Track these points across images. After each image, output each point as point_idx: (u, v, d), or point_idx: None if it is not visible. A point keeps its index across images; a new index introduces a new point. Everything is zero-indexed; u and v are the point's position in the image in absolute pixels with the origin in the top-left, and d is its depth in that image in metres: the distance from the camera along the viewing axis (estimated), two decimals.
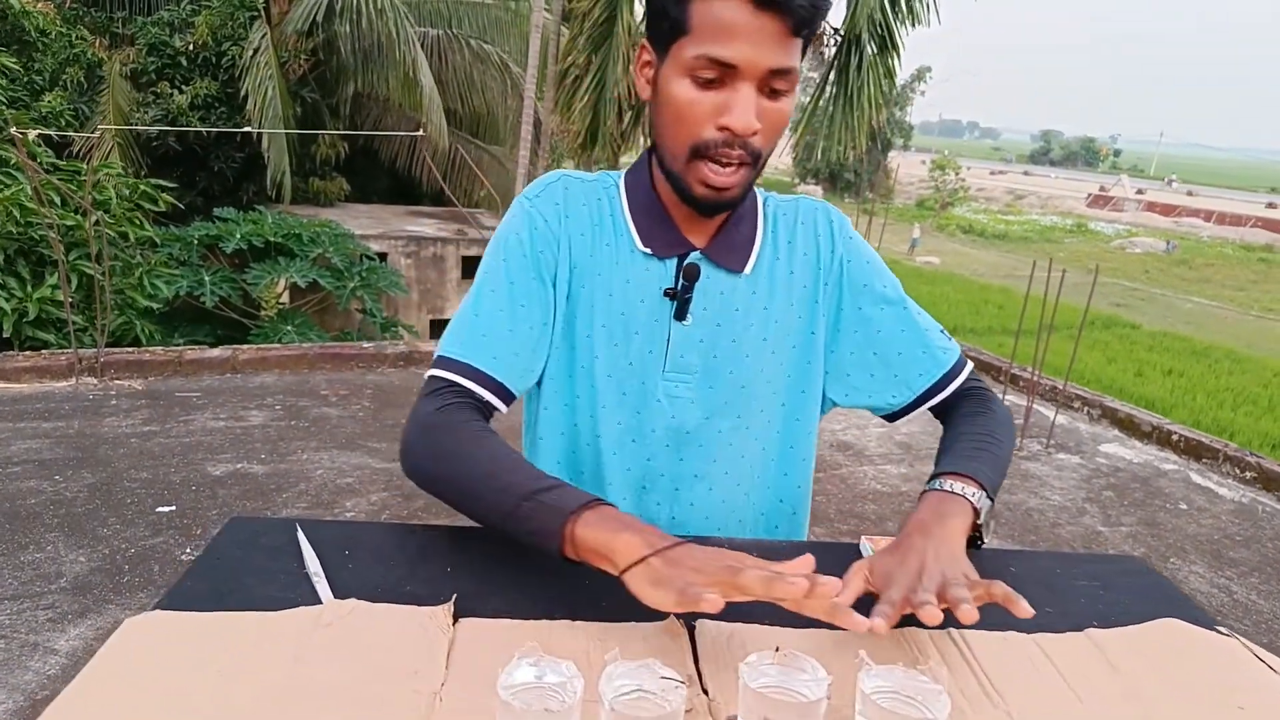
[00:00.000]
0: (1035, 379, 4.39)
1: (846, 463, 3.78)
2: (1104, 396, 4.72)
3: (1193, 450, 4.10)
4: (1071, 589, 0.98)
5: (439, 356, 1.01)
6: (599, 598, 0.87)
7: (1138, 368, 13.68)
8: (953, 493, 0.94)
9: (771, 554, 0.99)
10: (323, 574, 0.87)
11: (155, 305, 5.40)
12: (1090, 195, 46.43)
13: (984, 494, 0.95)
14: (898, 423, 1.19)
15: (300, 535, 0.92)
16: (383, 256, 9.78)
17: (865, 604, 0.81)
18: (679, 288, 1.03)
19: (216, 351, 4.39)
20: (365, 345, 4.80)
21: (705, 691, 0.73)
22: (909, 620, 0.84)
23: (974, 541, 0.96)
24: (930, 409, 1.13)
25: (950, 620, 0.86)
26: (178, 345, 5.83)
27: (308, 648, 0.74)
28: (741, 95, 0.90)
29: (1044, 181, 57.02)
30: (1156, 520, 3.43)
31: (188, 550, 2.65)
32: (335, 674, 0.71)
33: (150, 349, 4.33)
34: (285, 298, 8.81)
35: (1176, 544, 3.24)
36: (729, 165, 0.93)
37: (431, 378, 1.00)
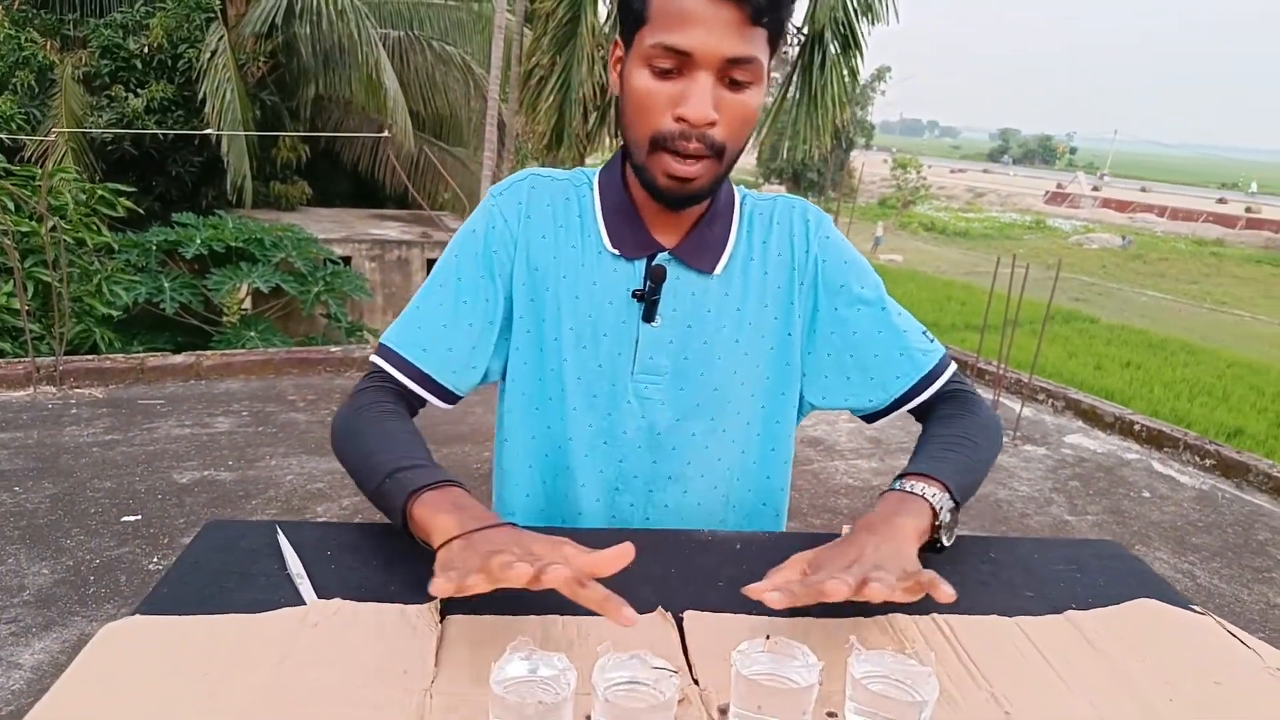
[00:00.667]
0: (1001, 373, 4.46)
1: (818, 458, 3.81)
2: (1068, 389, 4.81)
3: (1154, 439, 4.19)
4: (1050, 573, 1.00)
5: (379, 344, 1.04)
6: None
7: (1097, 361, 13.95)
8: (911, 493, 0.91)
9: (750, 545, 1.00)
10: (305, 575, 0.85)
11: (114, 312, 5.29)
12: (1048, 192, 47.24)
13: (947, 495, 0.92)
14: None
15: (280, 537, 0.91)
16: (347, 260, 9.67)
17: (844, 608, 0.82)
18: (646, 289, 1.03)
19: (180, 358, 4.31)
20: (333, 349, 4.74)
21: (696, 681, 0.73)
22: (893, 608, 0.86)
23: (934, 545, 0.93)
24: (910, 411, 1.12)
25: (933, 606, 0.87)
26: (138, 353, 5.73)
27: (294, 649, 0.73)
28: (698, 85, 0.89)
29: (1003, 179, 57.90)
30: (1121, 508, 3.50)
31: (155, 560, 2.60)
32: (323, 675, 0.70)
33: (111, 356, 4.25)
34: (248, 303, 8.67)
35: (1141, 531, 3.31)
36: (689, 157, 0.92)
37: (370, 363, 1.04)
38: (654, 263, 1.03)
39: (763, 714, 0.66)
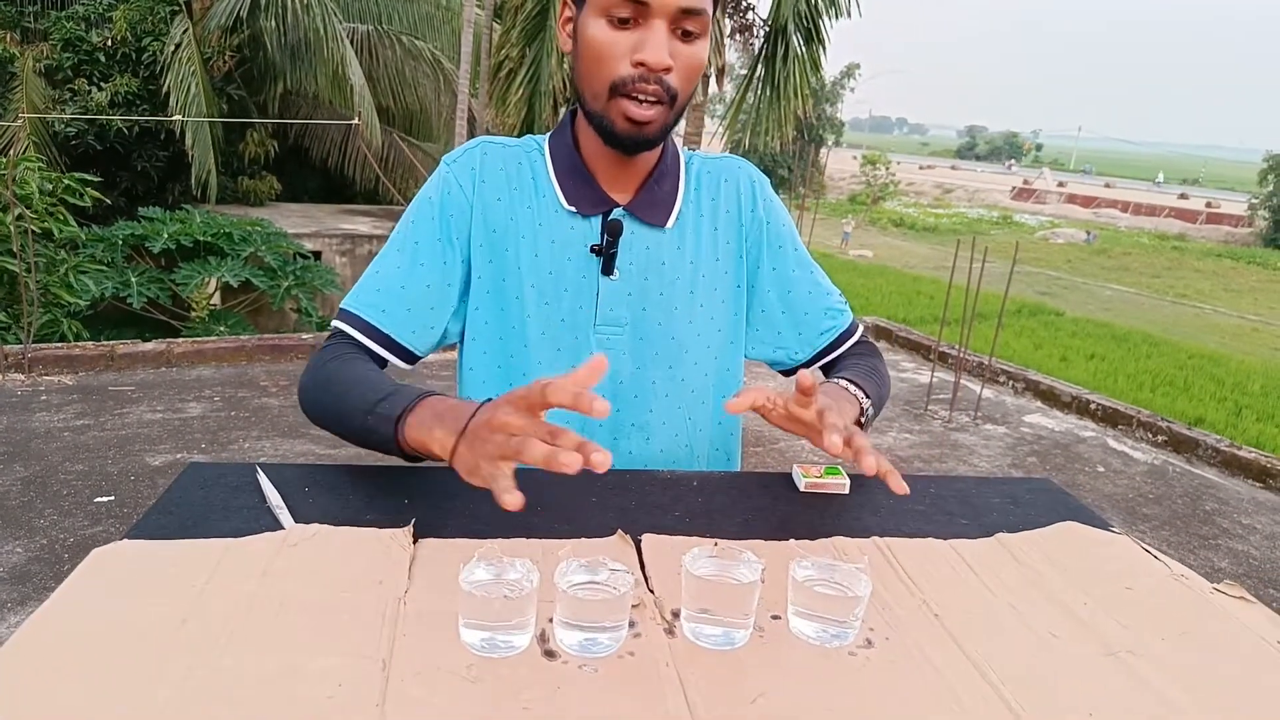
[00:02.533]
0: (962, 355, 4.57)
1: (784, 436, 3.88)
2: (1028, 370, 4.94)
3: (1109, 418, 4.33)
4: (986, 505, 1.07)
5: (340, 308, 1.08)
6: (552, 521, 0.93)
7: (1062, 353, 14.19)
8: (845, 389, 1.05)
9: (707, 484, 1.07)
10: (285, 507, 0.90)
11: (82, 303, 5.25)
12: (1015, 188, 47.86)
13: (870, 403, 1.07)
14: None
15: (260, 475, 0.96)
16: (317, 255, 9.61)
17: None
18: (604, 244, 1.08)
19: (150, 345, 4.30)
20: (304, 336, 4.75)
21: (652, 590, 0.79)
22: (835, 531, 0.93)
23: None
24: (822, 366, 1.23)
25: (874, 529, 0.95)
26: (105, 340, 5.68)
27: (274, 565, 0.78)
28: (654, 32, 0.95)
29: (970, 175, 58.55)
30: (1076, 482, 3.62)
31: None
32: (302, 587, 0.75)
33: (80, 344, 4.23)
34: (216, 298, 8.60)
35: (1094, 503, 3.42)
36: (646, 101, 0.98)
37: (331, 326, 1.08)
38: (610, 218, 1.08)
39: (711, 613, 0.72)
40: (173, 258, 7.65)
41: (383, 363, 1.07)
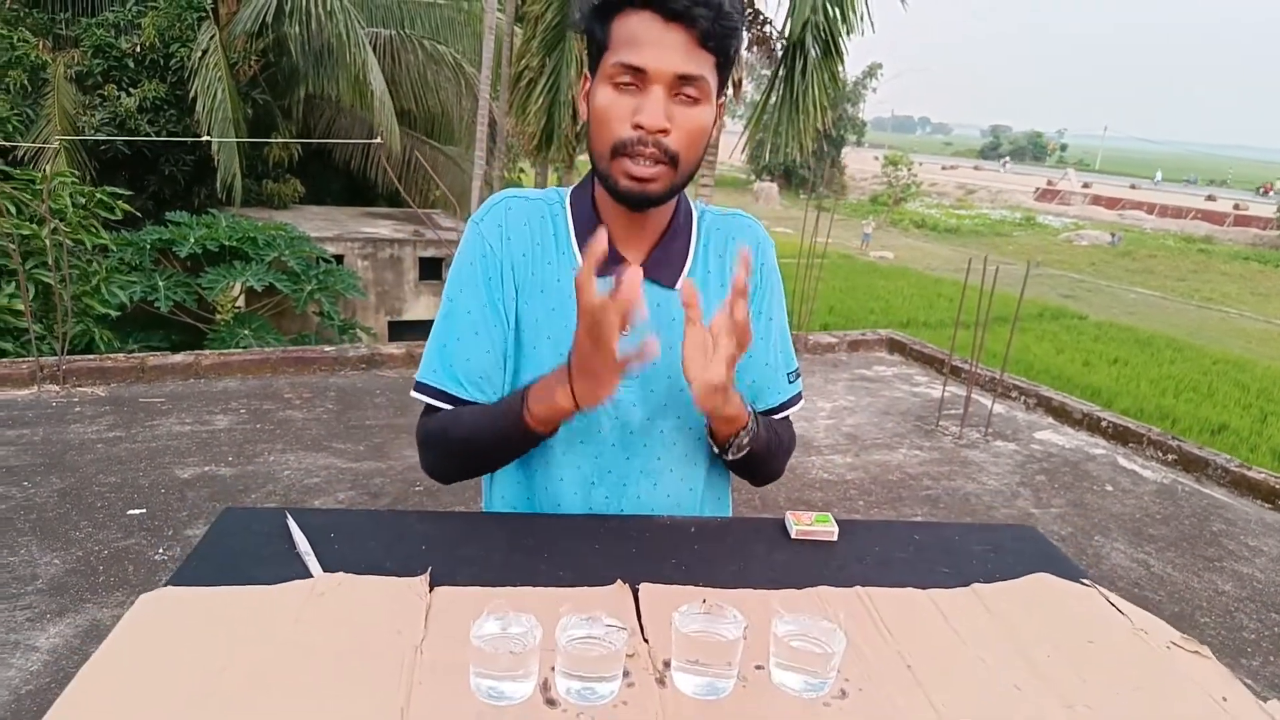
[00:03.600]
0: (974, 370, 4.61)
1: (795, 453, 3.93)
2: (1040, 386, 4.96)
3: (1120, 436, 4.35)
4: (967, 553, 1.14)
5: (419, 381, 1.16)
6: (557, 569, 1.01)
7: (1085, 357, 14.14)
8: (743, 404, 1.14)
9: (704, 531, 1.14)
10: (312, 553, 0.98)
11: (112, 312, 5.40)
12: (1038, 189, 47.48)
13: (757, 429, 1.15)
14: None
15: (290, 521, 1.04)
16: (339, 259, 9.77)
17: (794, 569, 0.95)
18: None
19: (179, 357, 4.42)
20: (327, 349, 4.85)
21: (646, 640, 0.87)
22: (819, 580, 1.00)
23: (726, 446, 1.16)
24: None
25: (857, 579, 1.02)
26: (133, 350, 5.83)
27: (304, 614, 0.86)
28: (651, 97, 1.02)
29: (994, 176, 58.14)
30: (1084, 501, 3.65)
31: (160, 550, 2.73)
32: (330, 635, 0.83)
33: (112, 356, 4.35)
34: (241, 302, 8.77)
35: (1101, 523, 3.45)
36: (645, 161, 1.04)
37: (417, 398, 1.16)
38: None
39: (698, 664, 0.79)
40: (199, 261, 7.80)
41: None
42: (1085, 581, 1.06)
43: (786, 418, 1.31)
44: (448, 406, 1.15)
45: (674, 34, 1.00)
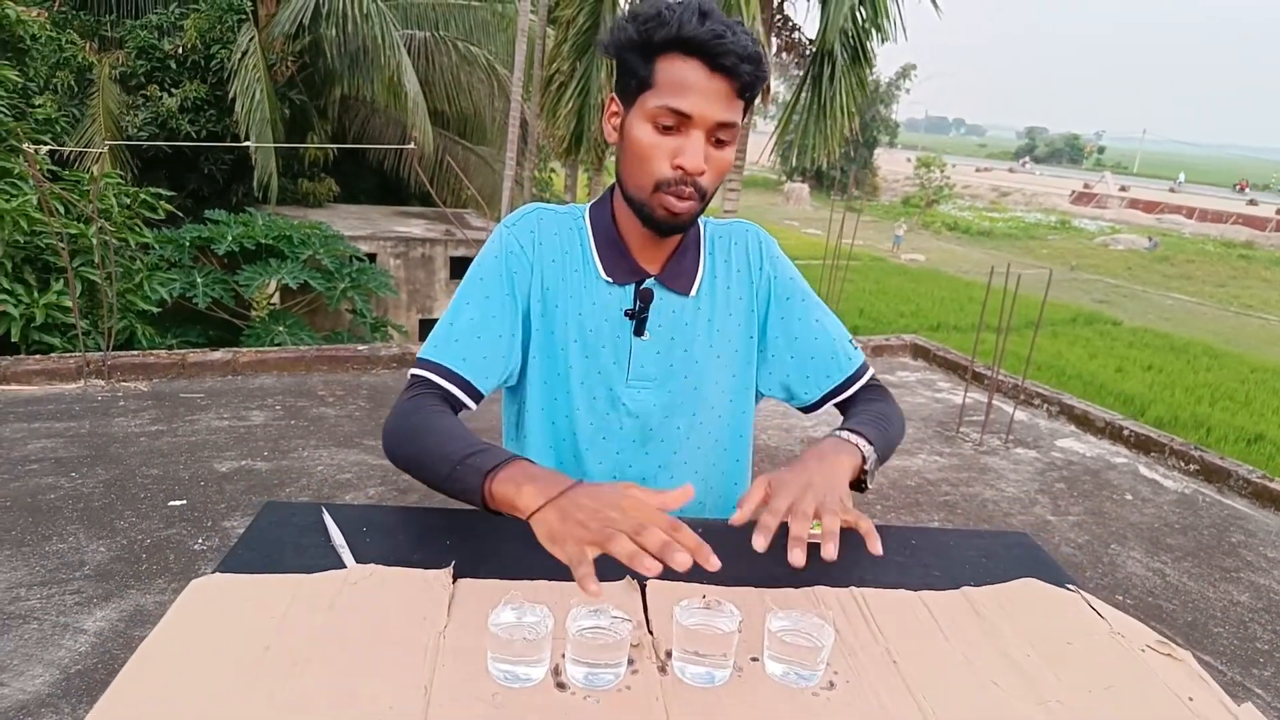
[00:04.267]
0: (996, 376, 4.63)
1: None
2: (1062, 394, 4.96)
3: (1142, 444, 4.34)
4: (960, 558, 1.19)
5: (418, 358, 1.20)
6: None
7: (1118, 363, 13.98)
8: (847, 440, 1.15)
9: (710, 532, 1.21)
10: (346, 546, 1.07)
11: (153, 308, 5.57)
12: (1074, 192, 46.86)
13: (872, 449, 1.15)
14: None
15: (325, 516, 1.13)
16: (372, 257, 9.92)
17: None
18: (636, 309, 1.24)
19: (218, 354, 4.57)
20: (360, 348, 4.98)
21: (651, 632, 0.94)
22: (817, 580, 1.06)
23: (860, 485, 1.17)
24: (836, 405, 1.34)
25: (852, 578, 1.08)
26: (172, 345, 6.01)
27: (338, 601, 0.95)
28: (693, 141, 1.09)
29: (1029, 178, 57.47)
30: (1103, 510, 3.66)
31: (200, 541, 2.85)
32: (361, 621, 0.91)
33: (155, 352, 4.51)
34: (276, 299, 8.95)
35: (1119, 531, 3.46)
36: (683, 198, 1.13)
37: (411, 375, 1.20)
38: (642, 286, 1.23)
39: (697, 655, 0.87)
40: (236, 259, 7.98)
41: (460, 405, 1.18)
42: (1070, 587, 1.11)
43: (872, 383, 1.34)
44: (443, 381, 1.17)
45: (718, 84, 1.08)
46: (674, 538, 0.86)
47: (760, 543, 0.96)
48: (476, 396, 1.20)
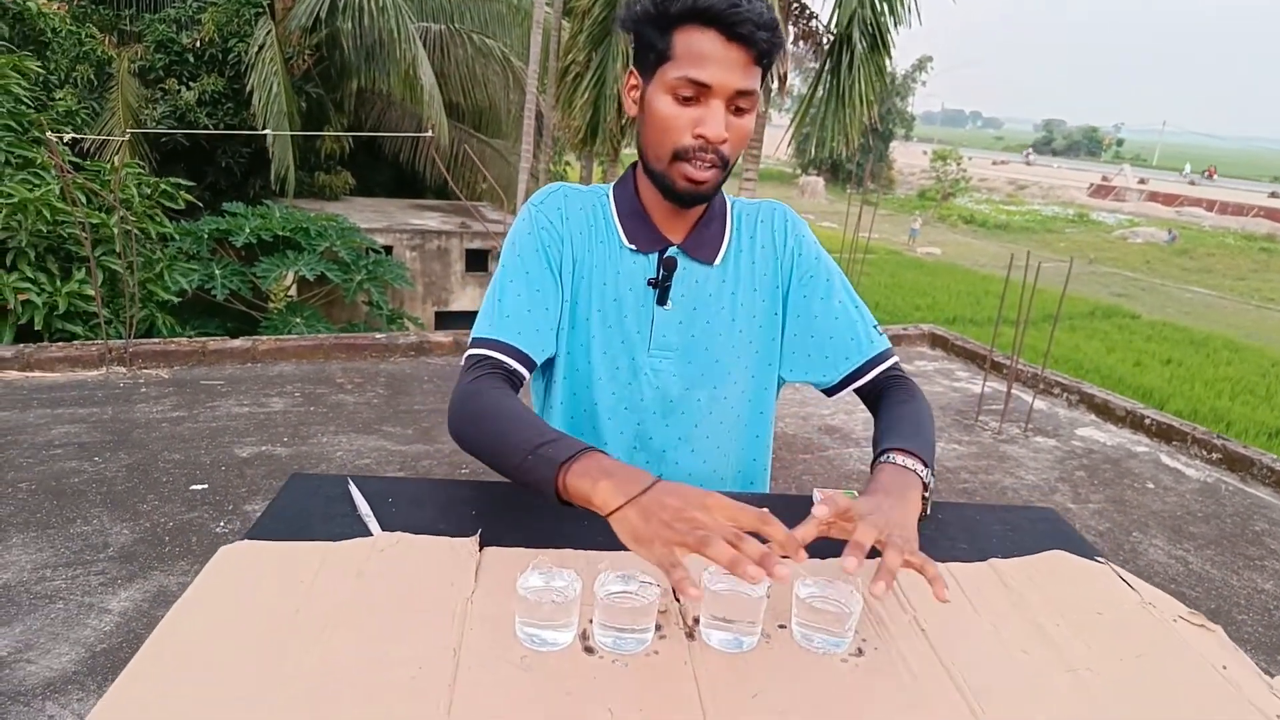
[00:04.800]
0: (1015, 365, 4.60)
1: (833, 445, 3.98)
2: (1082, 383, 4.92)
3: (1164, 433, 4.30)
4: (987, 532, 1.19)
5: (474, 338, 1.19)
6: (597, 534, 1.08)
7: (1137, 357, 13.85)
8: (907, 468, 1.07)
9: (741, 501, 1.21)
10: (373, 515, 1.07)
11: (173, 298, 5.61)
12: (1092, 185, 46.44)
13: (929, 471, 1.09)
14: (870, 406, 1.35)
15: (351, 486, 1.13)
16: (388, 250, 9.95)
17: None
18: (659, 277, 1.23)
19: (238, 342, 4.60)
20: (378, 336, 5.00)
21: (678, 599, 0.94)
22: (843, 551, 1.06)
23: (923, 515, 1.09)
24: (856, 390, 1.30)
25: (876, 550, 1.07)
26: (195, 335, 6.04)
27: (366, 568, 0.95)
28: (713, 110, 1.09)
29: (1046, 171, 56.98)
30: (1124, 498, 3.63)
31: (221, 524, 2.87)
32: (389, 587, 0.92)
33: (175, 340, 4.55)
34: (293, 290, 9.00)
35: (1140, 519, 3.44)
36: (703, 166, 1.13)
37: (469, 356, 1.18)
38: (665, 255, 1.24)
39: (725, 621, 0.86)
40: (253, 251, 8.02)
41: (521, 379, 1.17)
42: (1100, 560, 1.10)
43: (894, 372, 1.29)
44: (503, 357, 1.15)
45: (735, 52, 1.07)
46: (765, 531, 0.84)
47: (853, 565, 0.87)
48: (531, 366, 1.19)
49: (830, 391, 1.35)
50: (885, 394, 1.29)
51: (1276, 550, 3.26)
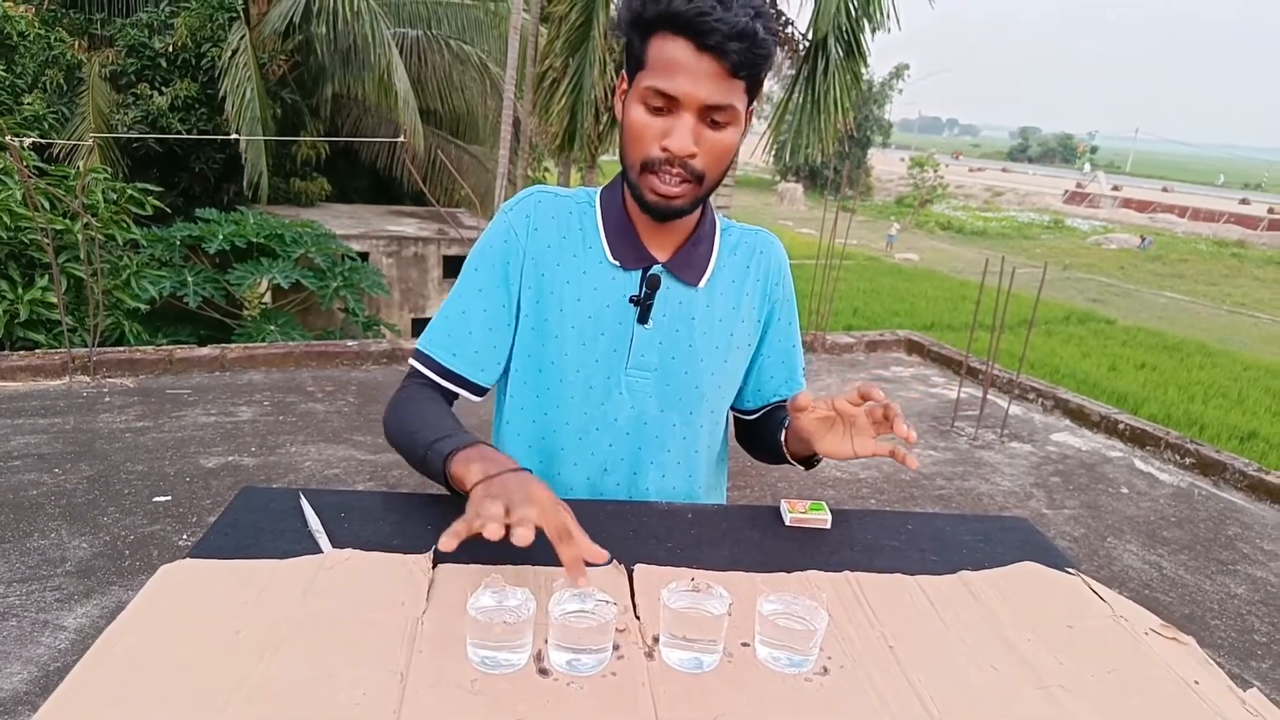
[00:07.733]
0: (991, 371, 4.60)
1: None
2: (1057, 388, 4.94)
3: (1137, 438, 4.32)
4: (957, 542, 1.16)
5: (417, 349, 1.22)
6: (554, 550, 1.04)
7: (1111, 362, 13.99)
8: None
9: (700, 517, 1.18)
10: (323, 531, 1.03)
11: (142, 306, 5.51)
12: (1068, 192, 46.98)
13: None
14: None
15: (303, 501, 1.09)
16: (364, 256, 9.86)
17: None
18: (642, 295, 1.19)
19: (206, 350, 4.52)
20: (350, 344, 4.94)
21: (638, 617, 0.90)
22: (813, 565, 1.03)
23: (811, 461, 1.25)
24: (740, 410, 1.38)
25: (845, 564, 1.05)
26: (165, 344, 5.95)
27: (313, 586, 0.91)
28: (681, 123, 1.05)
29: (1022, 178, 57.59)
30: (1098, 503, 3.64)
31: (185, 536, 2.81)
32: (336, 606, 0.88)
33: (141, 348, 4.46)
34: (268, 298, 8.88)
35: (1114, 525, 3.44)
36: (671, 180, 1.09)
37: (410, 365, 1.22)
38: (649, 273, 1.19)
39: (685, 639, 0.83)
40: (227, 258, 7.92)
41: (455, 395, 1.22)
42: (1070, 570, 1.08)
43: None
44: (434, 376, 1.20)
45: (706, 63, 1.02)
46: (557, 547, 0.89)
47: (903, 428, 1.04)
48: (473, 389, 1.21)
49: (745, 414, 1.38)
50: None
51: (1249, 555, 3.28)
